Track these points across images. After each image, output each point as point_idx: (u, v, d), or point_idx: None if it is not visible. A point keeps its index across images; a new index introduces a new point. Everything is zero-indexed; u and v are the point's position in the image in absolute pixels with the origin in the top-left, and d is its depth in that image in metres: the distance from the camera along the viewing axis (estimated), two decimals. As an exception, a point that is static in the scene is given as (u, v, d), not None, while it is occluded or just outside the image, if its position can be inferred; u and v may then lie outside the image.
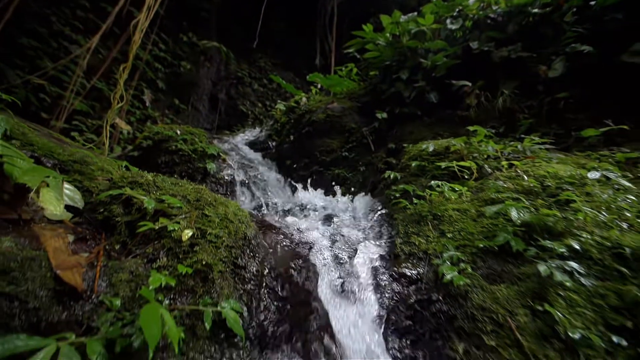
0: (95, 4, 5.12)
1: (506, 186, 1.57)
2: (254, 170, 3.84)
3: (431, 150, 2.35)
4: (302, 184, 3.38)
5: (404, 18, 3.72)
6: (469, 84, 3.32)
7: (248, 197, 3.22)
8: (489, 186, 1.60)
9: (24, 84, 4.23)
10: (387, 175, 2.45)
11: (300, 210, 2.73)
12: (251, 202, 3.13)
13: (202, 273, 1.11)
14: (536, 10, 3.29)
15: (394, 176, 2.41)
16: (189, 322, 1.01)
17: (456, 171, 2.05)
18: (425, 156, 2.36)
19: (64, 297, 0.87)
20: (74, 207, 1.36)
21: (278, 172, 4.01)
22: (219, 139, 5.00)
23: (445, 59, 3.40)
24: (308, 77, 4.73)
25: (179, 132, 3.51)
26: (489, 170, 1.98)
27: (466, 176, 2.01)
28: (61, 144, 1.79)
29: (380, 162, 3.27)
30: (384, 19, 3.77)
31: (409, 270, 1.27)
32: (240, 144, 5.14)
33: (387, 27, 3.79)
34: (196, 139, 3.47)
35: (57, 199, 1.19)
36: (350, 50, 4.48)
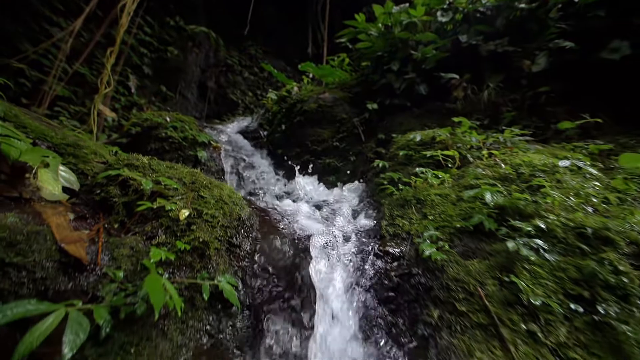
0: (76, -16, 4.91)
1: (485, 173, 1.68)
2: (245, 158, 3.87)
3: (418, 140, 2.44)
4: (293, 173, 3.43)
5: (396, 9, 3.75)
6: (456, 76, 3.42)
7: (239, 184, 3.26)
8: (469, 173, 1.71)
9: (2, 67, 4.07)
10: (376, 164, 2.54)
11: (292, 197, 2.80)
12: (242, 189, 3.18)
13: (199, 250, 1.18)
14: (523, 5, 3.38)
15: (383, 165, 2.50)
16: (187, 294, 1.08)
17: (441, 160, 2.15)
18: (413, 146, 2.45)
19: (69, 269, 0.92)
20: (69, 189, 1.39)
21: (269, 160, 4.05)
22: (209, 127, 4.96)
23: (434, 51, 3.47)
24: (300, 66, 4.71)
25: (168, 119, 3.47)
26: (471, 159, 2.10)
27: (450, 164, 2.11)
28: (53, 127, 1.79)
29: (370, 152, 3.36)
30: (377, 9, 3.79)
31: (392, 248, 1.37)
32: (232, 133, 5.12)
33: (380, 17, 3.82)
34: (186, 127, 3.45)
35: (54, 179, 1.22)
36: (342, 40, 4.49)
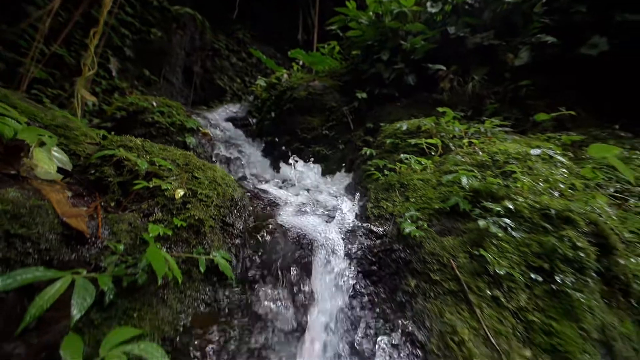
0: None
1: (464, 160, 1.80)
2: (234, 145, 3.88)
3: (404, 129, 2.54)
4: (283, 160, 3.47)
5: (387, -3, 3.77)
6: (444, 68, 3.51)
7: (229, 171, 3.29)
8: (449, 160, 1.83)
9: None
10: (364, 152, 2.63)
11: (282, 183, 2.87)
12: (232, 175, 3.21)
13: (195, 227, 1.24)
14: (509, -1, 3.47)
15: (370, 152, 2.59)
16: (184, 267, 1.15)
17: (425, 148, 2.27)
18: (399, 134, 2.55)
19: (71, 241, 0.97)
20: (62, 170, 1.41)
21: (259, 148, 4.07)
22: (196, 114, 4.90)
23: (423, 42, 3.54)
24: (290, 53, 4.68)
25: (155, 104, 3.40)
26: (453, 147, 2.22)
27: (433, 152, 2.23)
28: (41, 109, 1.78)
29: (358, 141, 3.44)
30: (368, -3, 3.80)
31: (376, 227, 1.48)
32: (220, 120, 5.08)
33: (370, 5, 3.83)
34: (174, 112, 3.40)
35: (49, 158, 1.25)
36: (333, 27, 4.48)
